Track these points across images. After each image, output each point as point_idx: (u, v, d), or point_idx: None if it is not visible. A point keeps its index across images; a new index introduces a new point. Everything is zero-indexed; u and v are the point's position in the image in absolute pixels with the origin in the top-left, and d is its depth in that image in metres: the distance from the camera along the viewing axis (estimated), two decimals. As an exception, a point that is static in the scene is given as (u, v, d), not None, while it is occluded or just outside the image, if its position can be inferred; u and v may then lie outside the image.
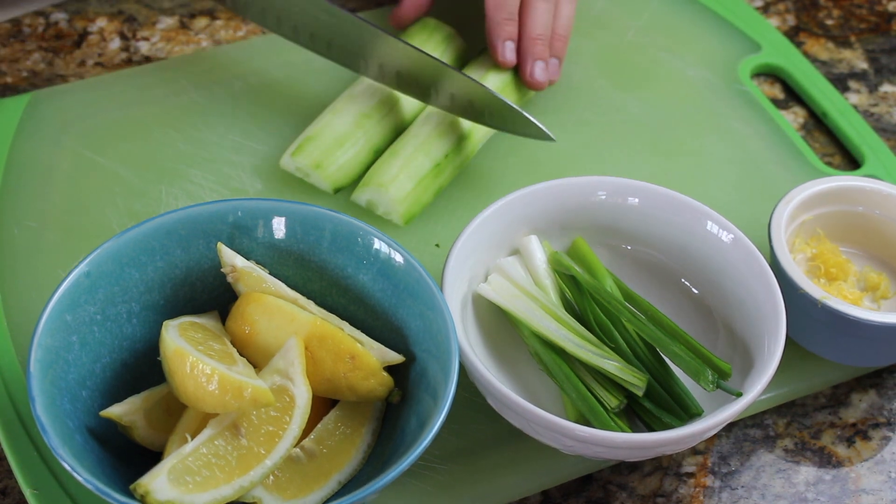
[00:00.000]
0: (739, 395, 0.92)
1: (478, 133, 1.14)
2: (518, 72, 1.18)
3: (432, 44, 1.19)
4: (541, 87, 1.17)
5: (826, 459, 1.01)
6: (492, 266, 1.02)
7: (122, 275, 0.93)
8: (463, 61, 1.21)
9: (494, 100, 1.11)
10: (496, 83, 1.16)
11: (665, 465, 1.00)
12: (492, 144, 1.16)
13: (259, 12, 1.15)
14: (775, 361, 0.93)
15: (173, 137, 1.15)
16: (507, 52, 1.17)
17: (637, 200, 1.04)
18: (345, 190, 1.12)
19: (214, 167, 1.13)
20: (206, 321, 0.94)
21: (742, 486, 0.99)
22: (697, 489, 0.98)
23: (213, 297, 0.97)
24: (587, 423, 0.93)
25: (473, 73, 1.17)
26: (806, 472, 1.00)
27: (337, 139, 1.11)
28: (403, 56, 1.12)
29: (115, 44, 1.26)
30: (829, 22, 1.34)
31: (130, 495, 0.83)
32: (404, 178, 1.09)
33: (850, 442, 1.02)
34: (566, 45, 1.20)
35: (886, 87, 1.28)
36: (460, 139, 1.12)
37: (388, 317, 0.95)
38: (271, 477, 0.88)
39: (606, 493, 0.98)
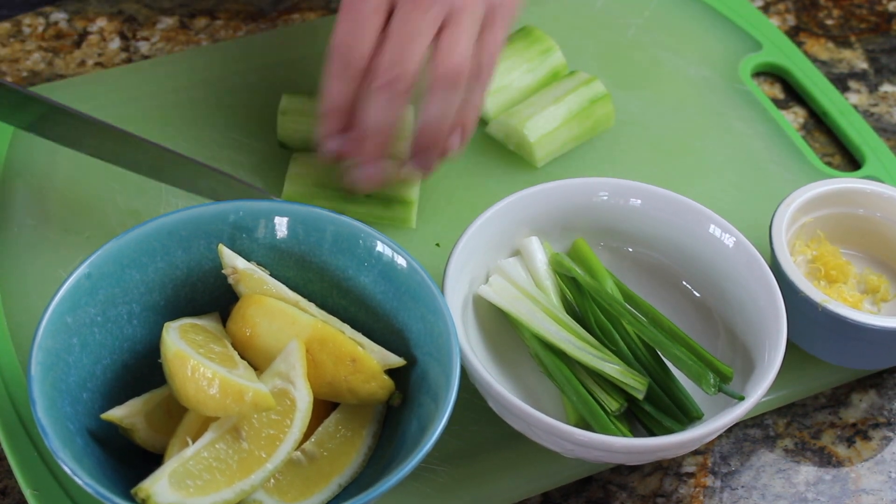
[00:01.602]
0: (742, 398, 0.92)
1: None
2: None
3: (529, 54, 1.19)
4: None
5: (826, 459, 1.01)
6: (493, 267, 1.02)
7: (122, 276, 0.93)
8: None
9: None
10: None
11: (665, 466, 1.00)
12: (492, 145, 1.16)
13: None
14: (776, 365, 0.93)
15: (173, 135, 1.15)
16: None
17: (639, 202, 1.04)
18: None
19: (215, 165, 1.13)
20: (207, 323, 0.94)
21: (742, 486, 0.99)
22: (697, 489, 0.99)
23: (214, 299, 0.97)
24: (587, 427, 0.93)
25: None
26: (806, 472, 1.00)
27: None
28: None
29: (115, 44, 1.26)
30: (829, 22, 1.34)
31: (132, 499, 0.83)
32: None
33: (850, 442, 1.02)
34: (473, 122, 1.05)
35: (886, 87, 1.28)
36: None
37: (389, 319, 0.95)
38: (272, 480, 0.88)
39: (606, 494, 0.98)
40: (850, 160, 1.21)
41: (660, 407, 0.96)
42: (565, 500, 0.98)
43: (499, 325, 1.01)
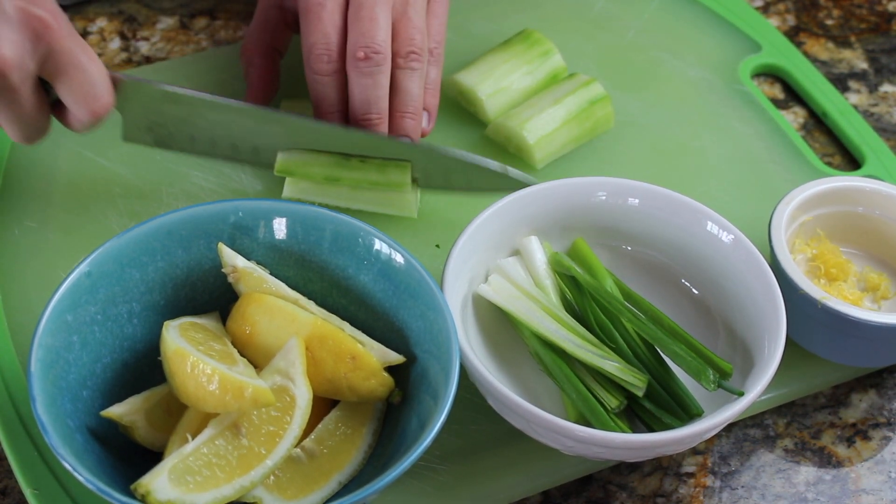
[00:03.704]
0: (741, 394, 0.92)
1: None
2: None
3: (529, 57, 1.19)
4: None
5: (826, 459, 1.01)
6: (492, 267, 1.02)
7: (122, 275, 0.93)
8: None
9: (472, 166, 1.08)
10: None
11: (665, 465, 1.00)
12: (492, 146, 1.16)
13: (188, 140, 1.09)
14: (776, 361, 0.93)
15: (174, 136, 1.15)
16: None
17: (637, 201, 1.04)
18: None
19: (214, 168, 1.13)
20: (207, 322, 0.94)
21: (742, 486, 0.99)
22: (697, 489, 0.98)
23: (214, 298, 0.97)
24: (587, 424, 0.93)
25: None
26: (806, 472, 1.00)
27: None
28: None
29: (115, 44, 1.26)
30: (829, 22, 1.35)
31: (131, 495, 0.83)
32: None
33: (850, 442, 1.02)
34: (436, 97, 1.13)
35: (886, 87, 1.28)
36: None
37: (388, 317, 0.95)
38: (272, 477, 0.88)
39: (606, 493, 0.98)
40: (850, 160, 1.21)
41: (659, 404, 0.96)
42: (565, 499, 0.97)
43: (498, 324, 1.01)
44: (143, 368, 0.94)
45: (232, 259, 0.95)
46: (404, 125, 1.09)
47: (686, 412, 0.95)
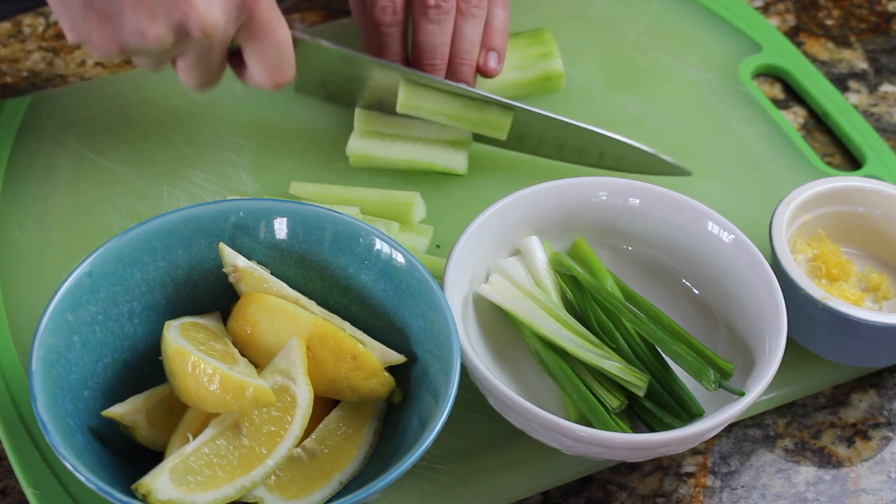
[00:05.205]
0: (742, 394, 0.92)
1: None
2: None
3: (526, 53, 1.20)
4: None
5: (826, 459, 1.01)
6: (493, 266, 1.02)
7: (123, 274, 0.93)
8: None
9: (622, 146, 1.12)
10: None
11: (665, 465, 1.00)
12: (491, 146, 1.16)
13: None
14: (776, 361, 0.93)
15: (174, 138, 1.15)
16: None
17: (638, 201, 1.04)
18: None
19: (215, 168, 1.13)
20: (208, 321, 0.94)
21: (742, 486, 0.99)
22: (697, 489, 0.98)
23: (215, 298, 0.97)
24: (588, 424, 0.93)
25: None
26: (806, 472, 1.00)
27: None
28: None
29: (116, 44, 1.26)
30: (829, 22, 1.35)
31: (132, 495, 0.83)
32: None
33: (850, 442, 1.02)
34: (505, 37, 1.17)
35: (886, 87, 1.28)
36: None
37: (389, 317, 0.95)
38: (273, 477, 0.88)
39: (606, 493, 0.98)
40: (851, 160, 1.21)
41: (660, 404, 0.96)
42: (565, 499, 0.97)
43: (499, 324, 1.01)
44: (144, 368, 0.94)
45: (233, 259, 0.95)
46: (463, 71, 1.13)
47: (687, 412, 0.95)
